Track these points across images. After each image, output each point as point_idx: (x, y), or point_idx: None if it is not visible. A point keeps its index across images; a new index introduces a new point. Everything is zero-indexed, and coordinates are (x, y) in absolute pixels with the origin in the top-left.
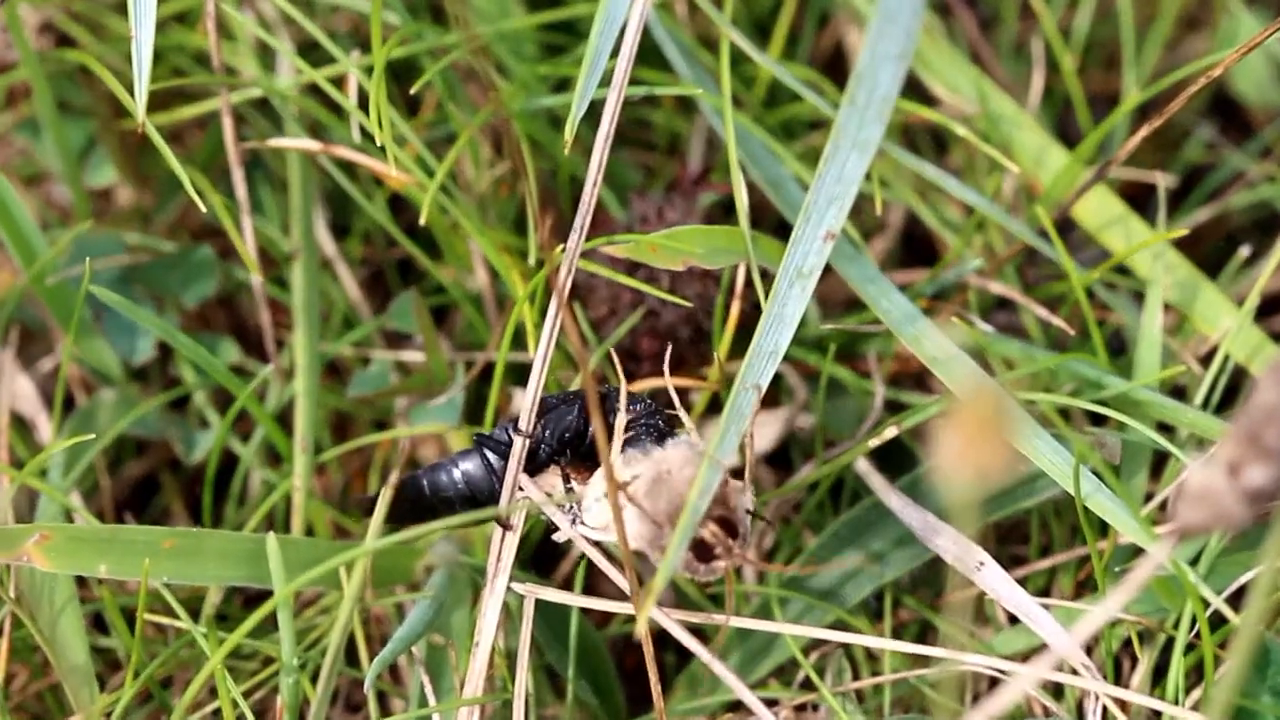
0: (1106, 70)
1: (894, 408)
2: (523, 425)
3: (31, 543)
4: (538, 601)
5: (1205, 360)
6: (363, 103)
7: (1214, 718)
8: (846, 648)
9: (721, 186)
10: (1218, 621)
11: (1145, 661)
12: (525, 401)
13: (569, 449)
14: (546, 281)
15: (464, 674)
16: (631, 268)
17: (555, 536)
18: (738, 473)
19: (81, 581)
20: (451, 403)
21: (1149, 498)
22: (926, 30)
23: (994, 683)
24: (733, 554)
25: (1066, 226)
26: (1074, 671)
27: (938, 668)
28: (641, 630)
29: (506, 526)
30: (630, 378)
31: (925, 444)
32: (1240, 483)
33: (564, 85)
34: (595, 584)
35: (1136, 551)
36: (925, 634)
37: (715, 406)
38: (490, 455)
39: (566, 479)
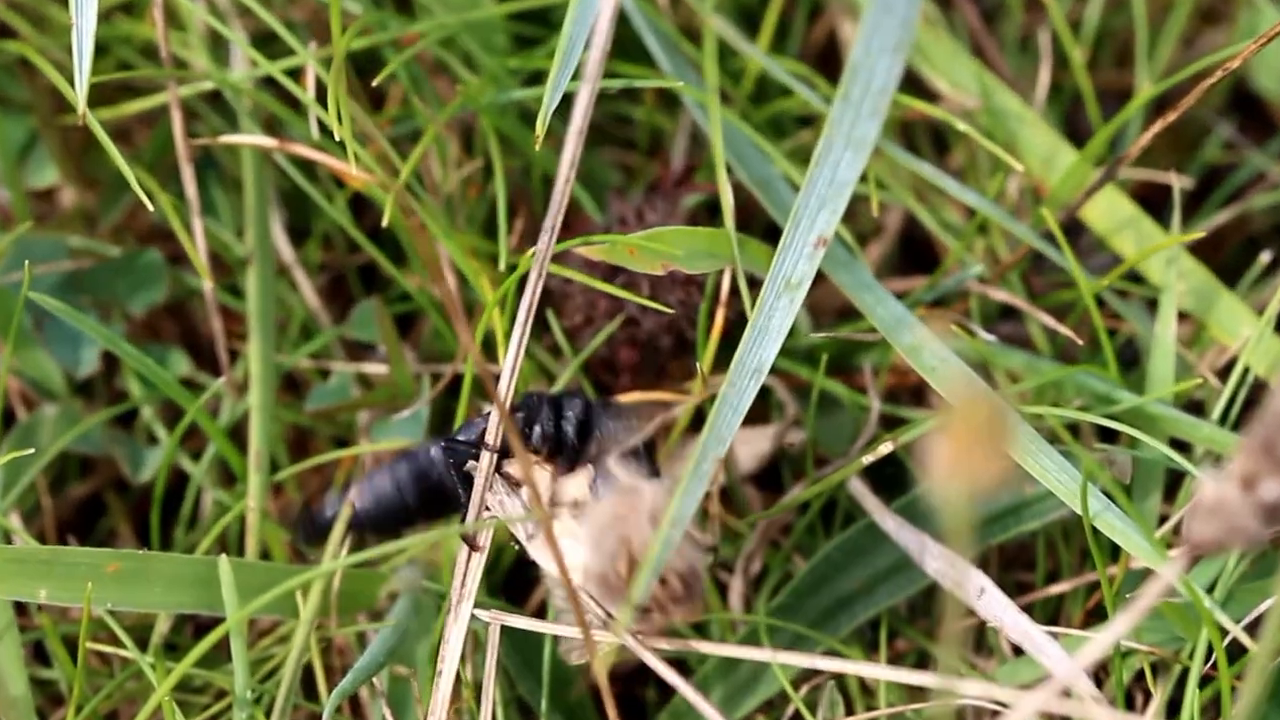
0: (1118, 64)
1: (890, 423)
2: (489, 438)
3: None
4: (510, 630)
5: (1223, 373)
6: (322, 97)
7: None
8: (839, 679)
9: (706, 187)
10: (1237, 652)
11: (1159, 695)
12: (493, 416)
13: (546, 447)
14: (518, 287)
15: (428, 707)
16: (610, 273)
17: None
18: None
19: (21, 608)
20: (417, 417)
21: (1163, 520)
22: (926, 21)
23: (997, 717)
24: (669, 615)
25: (1075, 230)
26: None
27: (936, 701)
28: (590, 687)
29: (474, 547)
30: (608, 391)
31: (922, 461)
32: (1255, 497)
33: (536, 79)
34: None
35: (1149, 577)
36: (923, 665)
37: (699, 422)
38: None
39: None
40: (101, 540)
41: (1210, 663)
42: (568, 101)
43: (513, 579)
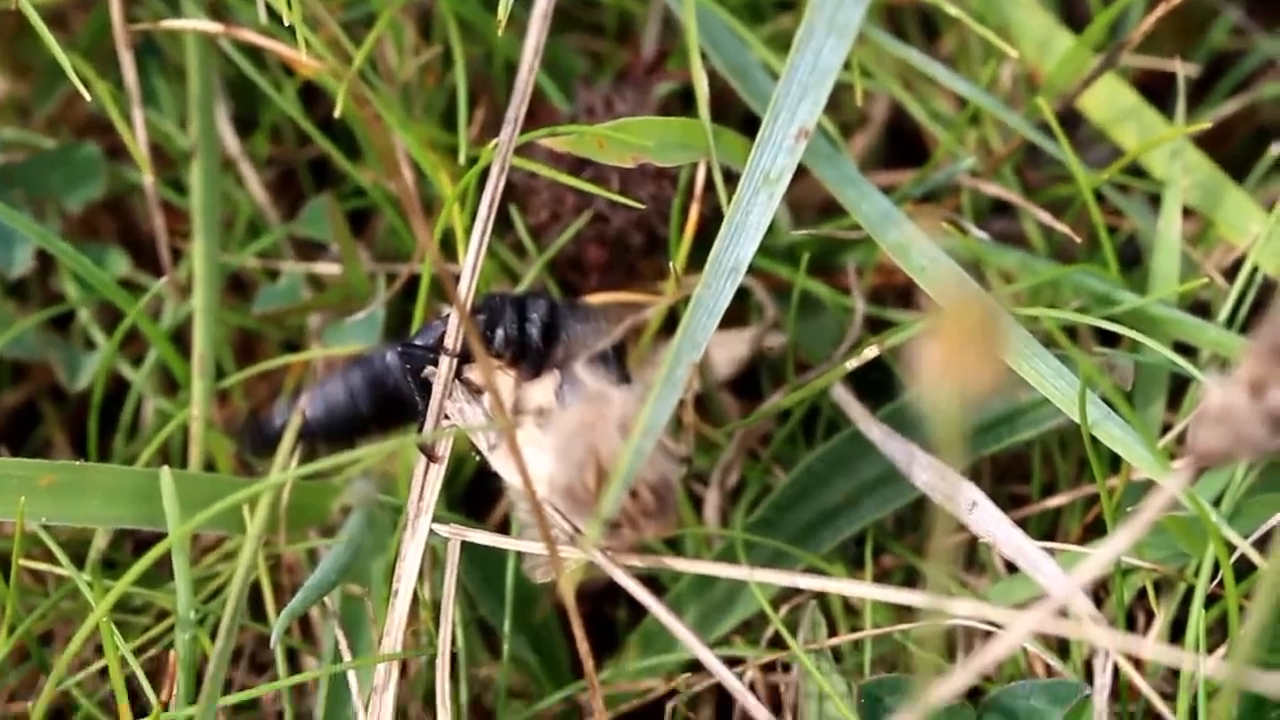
0: None
1: (876, 326)
2: (449, 342)
3: None
4: (471, 546)
5: (1230, 272)
6: None
7: (1238, 675)
8: (821, 599)
9: (679, 75)
10: (1245, 569)
11: (1162, 615)
12: (453, 318)
13: (509, 351)
14: (479, 181)
15: (383, 628)
16: (577, 166)
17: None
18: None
19: None
20: (371, 320)
21: (1166, 429)
22: None
23: (989, 638)
24: (640, 530)
25: (1073, 121)
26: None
27: (925, 621)
28: (556, 606)
29: (432, 457)
30: (575, 291)
31: (910, 366)
32: (1264, 404)
33: None
34: None
35: (1152, 489)
36: (911, 583)
37: (671, 324)
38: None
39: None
40: (36, 451)
41: (1216, 580)
42: None
43: (473, 492)
